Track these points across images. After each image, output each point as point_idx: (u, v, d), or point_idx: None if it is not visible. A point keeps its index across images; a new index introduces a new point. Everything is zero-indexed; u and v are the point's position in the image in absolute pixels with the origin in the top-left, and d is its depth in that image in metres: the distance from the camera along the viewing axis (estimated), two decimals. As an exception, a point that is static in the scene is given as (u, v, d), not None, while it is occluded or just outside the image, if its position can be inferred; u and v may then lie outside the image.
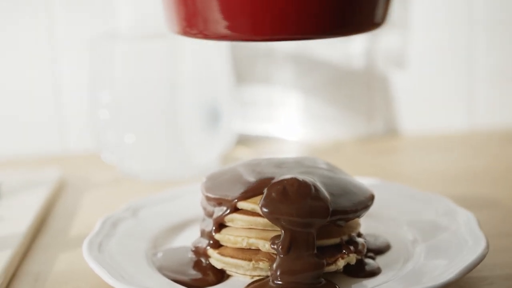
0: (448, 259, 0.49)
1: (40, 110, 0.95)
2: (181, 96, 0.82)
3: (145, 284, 0.48)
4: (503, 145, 0.93)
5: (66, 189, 0.80)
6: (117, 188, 0.81)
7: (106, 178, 0.85)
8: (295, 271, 0.48)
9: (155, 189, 0.76)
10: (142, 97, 0.82)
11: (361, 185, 0.54)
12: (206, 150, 0.84)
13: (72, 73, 0.95)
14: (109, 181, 0.84)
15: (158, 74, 0.82)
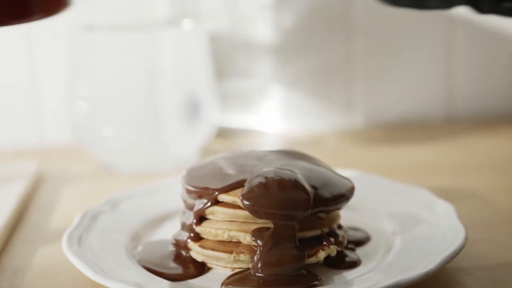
0: (428, 251, 0.50)
1: (17, 103, 0.94)
2: (160, 89, 0.81)
3: (125, 278, 0.47)
4: (482, 137, 0.94)
5: (44, 182, 0.79)
6: (95, 181, 0.81)
7: (84, 171, 0.84)
8: (276, 263, 0.48)
9: (134, 182, 0.76)
10: (121, 90, 0.81)
11: (342, 177, 0.54)
12: (185, 143, 0.83)
13: (49, 66, 0.94)
14: (88, 174, 0.83)
15: (137, 66, 0.81)
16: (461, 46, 1.00)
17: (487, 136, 0.94)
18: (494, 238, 0.58)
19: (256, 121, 0.99)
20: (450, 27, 1.00)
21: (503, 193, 0.70)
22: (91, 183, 0.80)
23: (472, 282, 0.50)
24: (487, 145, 0.90)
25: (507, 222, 0.62)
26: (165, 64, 0.81)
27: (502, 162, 0.83)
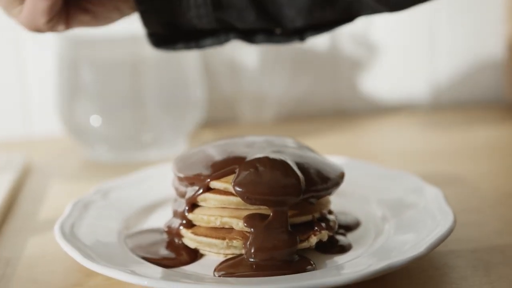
0: (417, 234, 0.50)
1: (4, 94, 0.94)
2: (147, 79, 0.81)
3: (120, 265, 0.48)
4: (466, 123, 0.95)
5: (32, 173, 0.79)
6: (83, 171, 0.81)
7: (72, 162, 0.84)
8: (269, 248, 0.48)
9: (122, 171, 0.76)
10: (108, 80, 0.81)
11: (332, 163, 0.54)
12: (173, 133, 0.84)
13: (36, 58, 0.93)
14: (75, 165, 0.83)
15: (124, 56, 0.81)
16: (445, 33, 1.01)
17: (471, 123, 0.95)
18: (481, 222, 0.59)
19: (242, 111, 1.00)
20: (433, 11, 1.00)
21: (488, 178, 0.71)
22: (79, 173, 0.80)
23: (462, 264, 0.51)
24: (470, 131, 0.91)
25: (493, 206, 0.63)
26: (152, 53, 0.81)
27: (486, 148, 0.84)
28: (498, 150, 0.83)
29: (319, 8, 0.55)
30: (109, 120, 0.82)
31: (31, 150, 0.88)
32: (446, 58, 1.02)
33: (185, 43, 0.59)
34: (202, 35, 0.59)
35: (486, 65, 1.03)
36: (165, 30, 0.58)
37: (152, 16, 0.56)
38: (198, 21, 0.55)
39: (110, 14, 0.56)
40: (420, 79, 1.02)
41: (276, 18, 0.56)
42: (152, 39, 0.59)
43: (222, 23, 0.56)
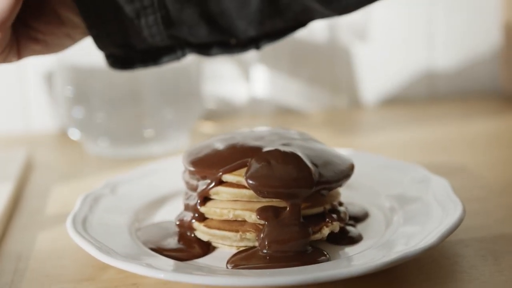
0: (427, 225, 0.51)
1: (5, 89, 0.94)
2: (148, 72, 0.81)
3: (133, 258, 0.48)
4: (464, 114, 0.96)
5: (35, 169, 0.79)
6: (86, 166, 0.81)
7: (74, 157, 0.84)
8: (283, 240, 0.49)
9: (125, 166, 0.76)
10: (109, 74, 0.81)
11: (341, 154, 0.55)
12: (174, 127, 0.84)
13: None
14: (78, 160, 0.83)
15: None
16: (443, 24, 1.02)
17: (469, 114, 0.96)
18: (487, 211, 0.60)
19: (242, 103, 1.00)
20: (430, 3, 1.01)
21: (490, 168, 0.72)
22: (82, 169, 0.80)
23: (471, 253, 0.51)
24: (469, 122, 0.91)
25: (497, 196, 0.64)
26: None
27: (486, 139, 0.85)
28: (498, 141, 0.84)
29: (269, 19, 0.56)
30: (110, 115, 0.82)
31: (33, 146, 0.88)
32: (443, 49, 1.02)
33: (142, 62, 0.59)
34: (158, 52, 0.59)
35: (483, 56, 1.04)
36: (120, 51, 0.58)
37: (105, 39, 0.56)
38: (152, 40, 0.56)
39: (62, 41, 0.56)
40: (417, 71, 1.03)
41: (228, 31, 0.56)
42: (110, 60, 0.59)
43: (176, 39, 0.57)
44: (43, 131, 0.95)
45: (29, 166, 0.79)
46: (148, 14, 0.54)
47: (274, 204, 0.50)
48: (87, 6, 0.54)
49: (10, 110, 0.94)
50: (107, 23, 0.55)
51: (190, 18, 0.55)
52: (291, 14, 0.56)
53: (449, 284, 0.47)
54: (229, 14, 0.55)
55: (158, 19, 0.54)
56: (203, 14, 0.55)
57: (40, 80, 0.94)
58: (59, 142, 0.90)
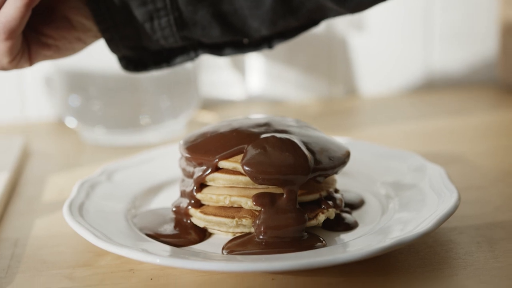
0: (423, 212, 0.51)
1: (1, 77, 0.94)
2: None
3: (129, 244, 0.48)
4: (460, 103, 0.96)
5: (32, 156, 0.79)
6: (83, 154, 0.81)
7: (71, 144, 0.84)
8: (279, 226, 0.49)
9: (122, 154, 0.77)
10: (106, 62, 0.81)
11: (337, 142, 0.55)
12: (171, 115, 0.84)
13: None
14: (74, 147, 0.83)
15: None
16: (439, 14, 1.02)
17: (466, 104, 0.96)
18: (483, 199, 0.60)
19: (239, 92, 1.00)
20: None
21: (487, 157, 0.72)
22: (78, 156, 0.80)
23: (466, 240, 0.51)
24: (466, 111, 0.92)
25: (493, 184, 0.64)
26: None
27: (483, 128, 0.85)
28: (495, 130, 0.84)
29: (282, 18, 0.56)
30: (107, 103, 0.82)
31: (30, 134, 0.88)
32: (441, 39, 1.02)
33: (155, 63, 0.60)
34: (172, 54, 0.59)
35: (480, 46, 1.04)
36: (134, 53, 0.58)
37: (118, 42, 0.56)
38: (165, 41, 0.56)
39: (73, 46, 0.56)
40: (414, 61, 1.03)
41: (241, 30, 0.56)
42: (123, 63, 0.59)
43: (189, 40, 0.57)
44: (40, 119, 0.95)
45: (26, 154, 0.79)
46: (161, 16, 0.54)
47: (271, 191, 0.50)
48: (101, 10, 0.54)
49: (7, 98, 0.94)
50: (120, 27, 0.55)
51: (203, 19, 0.55)
52: (304, 12, 0.56)
53: (443, 270, 0.47)
54: (242, 13, 0.55)
55: (171, 21, 0.55)
56: (216, 14, 0.55)
57: (37, 69, 0.93)
58: (55, 130, 0.90)
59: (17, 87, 0.94)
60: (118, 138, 0.82)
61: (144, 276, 0.48)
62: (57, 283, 0.48)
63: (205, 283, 0.47)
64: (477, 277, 0.46)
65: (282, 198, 0.50)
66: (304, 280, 0.46)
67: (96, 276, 0.49)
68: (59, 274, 0.49)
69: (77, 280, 0.48)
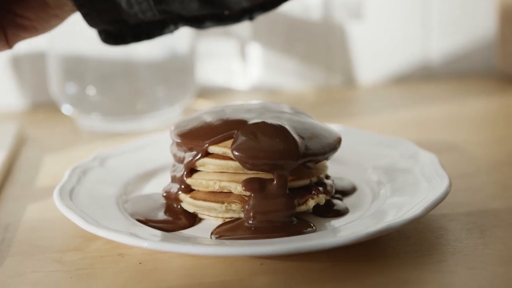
0: (413, 197, 0.51)
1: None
2: (141, 48, 0.81)
3: (119, 228, 0.48)
4: (458, 91, 0.96)
5: (27, 142, 0.79)
6: (78, 140, 0.81)
7: (67, 131, 0.84)
8: (268, 211, 0.49)
9: (117, 141, 0.76)
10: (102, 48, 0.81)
11: (328, 128, 0.55)
12: (167, 102, 0.84)
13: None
14: (70, 134, 0.83)
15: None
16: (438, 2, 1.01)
17: (464, 93, 0.95)
18: (477, 187, 0.60)
19: (236, 81, 1.00)
20: (427, -15, 1.00)
21: (483, 146, 0.72)
22: (74, 143, 0.80)
23: (456, 227, 0.51)
24: (463, 101, 0.91)
25: (488, 173, 0.64)
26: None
27: (479, 117, 0.85)
28: (491, 120, 0.84)
29: None
30: (103, 89, 0.82)
31: (26, 120, 0.88)
32: (439, 29, 1.02)
33: (135, 37, 0.59)
34: (151, 27, 0.58)
35: (479, 36, 1.03)
36: (112, 27, 0.57)
37: (95, 17, 0.55)
38: (143, 15, 0.55)
39: (50, 23, 0.55)
40: (412, 50, 1.03)
41: (220, 3, 0.55)
42: (102, 36, 0.58)
43: (167, 14, 0.56)
44: (37, 105, 0.95)
45: (21, 140, 0.79)
46: None
47: (260, 176, 0.50)
48: None
49: (4, 84, 0.94)
50: (96, 1, 0.54)
51: None
52: None
53: (433, 256, 0.47)
54: None
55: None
56: None
57: (33, 55, 0.93)
58: (51, 117, 0.90)
59: (15, 73, 0.94)
60: (114, 125, 0.82)
61: (133, 260, 0.48)
62: (46, 267, 0.48)
63: (194, 267, 0.47)
64: (465, 263, 0.46)
65: (271, 183, 0.49)
66: (293, 265, 0.46)
67: (85, 260, 0.49)
68: (49, 258, 0.49)
69: (67, 264, 0.48)
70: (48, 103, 0.93)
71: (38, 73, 0.93)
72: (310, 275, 0.45)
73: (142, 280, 0.46)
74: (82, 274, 0.47)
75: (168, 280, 0.46)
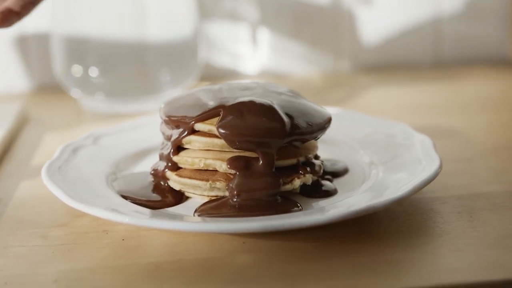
0: (404, 178, 0.50)
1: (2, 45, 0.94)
2: (146, 30, 0.81)
3: (104, 206, 0.48)
4: (467, 78, 0.94)
5: (29, 123, 0.79)
6: (80, 121, 0.81)
7: (69, 112, 0.84)
8: (252, 189, 0.48)
9: (120, 122, 0.76)
10: (107, 29, 0.81)
11: (321, 109, 0.54)
12: (171, 83, 0.83)
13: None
14: (73, 115, 0.83)
15: (123, 7, 0.81)
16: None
17: (472, 79, 0.94)
18: (471, 171, 0.59)
19: (242, 65, 0.99)
20: (438, -31, 0.99)
21: (482, 131, 0.71)
22: (76, 124, 0.80)
23: (447, 210, 0.50)
24: (471, 87, 0.90)
25: (484, 157, 0.63)
26: (151, 5, 0.81)
27: (484, 103, 0.83)
28: (497, 105, 0.82)
29: None
30: (107, 71, 0.82)
31: (30, 101, 0.88)
32: (450, 14, 1.00)
33: None
34: None
35: (490, 21, 1.01)
36: None
37: None
38: None
39: None
40: (422, 35, 1.01)
41: None
42: None
43: None
44: (41, 88, 0.95)
45: (24, 119, 0.79)
46: None
47: (246, 155, 0.49)
48: None
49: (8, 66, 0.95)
50: None
51: None
52: None
53: (419, 237, 0.46)
54: None
55: None
56: None
57: (38, 37, 0.94)
58: (55, 98, 0.90)
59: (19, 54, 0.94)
60: (118, 107, 0.82)
61: (116, 237, 0.48)
62: (31, 241, 0.48)
63: (177, 244, 0.47)
64: (451, 245, 0.45)
65: (257, 161, 0.49)
66: (276, 244, 0.46)
67: (69, 236, 0.49)
68: (34, 233, 0.49)
69: (51, 239, 0.48)
70: (53, 85, 0.93)
71: (43, 55, 0.93)
72: (292, 254, 0.45)
73: (123, 256, 0.46)
74: (64, 249, 0.47)
75: (149, 257, 0.45)
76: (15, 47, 0.94)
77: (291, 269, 0.43)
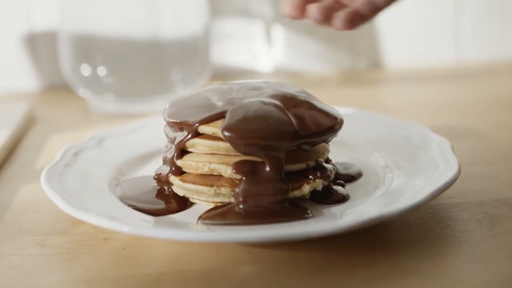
0: (420, 183, 0.47)
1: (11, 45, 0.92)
2: (157, 28, 0.79)
3: (104, 212, 0.46)
4: (489, 79, 0.91)
5: (36, 123, 0.78)
6: (90, 122, 0.79)
7: (78, 112, 0.83)
8: (259, 196, 0.46)
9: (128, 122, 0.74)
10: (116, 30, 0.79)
11: (332, 110, 0.51)
12: (181, 84, 0.81)
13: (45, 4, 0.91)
14: (82, 115, 0.82)
15: (133, 5, 0.79)
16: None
17: (494, 78, 0.91)
18: (492, 175, 0.56)
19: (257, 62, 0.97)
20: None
21: (505, 133, 0.68)
22: (83, 124, 0.78)
23: (465, 218, 0.48)
24: (492, 86, 0.87)
25: (505, 159, 0.60)
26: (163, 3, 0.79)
27: (507, 104, 0.80)
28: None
29: None
30: (117, 70, 0.80)
31: (38, 101, 0.86)
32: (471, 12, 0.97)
33: None
34: None
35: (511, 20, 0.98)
36: None
37: None
38: None
39: None
40: (443, 33, 0.98)
41: None
42: None
43: None
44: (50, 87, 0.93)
45: (31, 120, 0.78)
46: None
47: (252, 159, 0.47)
48: None
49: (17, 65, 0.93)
50: None
51: None
52: None
53: (435, 247, 0.44)
54: None
55: None
56: None
57: (47, 36, 0.92)
58: (64, 98, 0.89)
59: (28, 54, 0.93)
60: (127, 107, 0.80)
61: (117, 245, 0.46)
62: (27, 250, 0.46)
63: (179, 254, 0.44)
64: (469, 256, 0.42)
65: (264, 166, 0.46)
66: (283, 254, 0.43)
67: (68, 244, 0.47)
68: (31, 240, 0.47)
69: (49, 247, 0.46)
70: (61, 85, 0.91)
71: (52, 54, 0.92)
72: (299, 265, 0.42)
73: (123, 266, 0.43)
74: (62, 258, 0.45)
75: (149, 267, 0.43)
76: (24, 46, 0.92)
77: (298, 282, 0.41)
